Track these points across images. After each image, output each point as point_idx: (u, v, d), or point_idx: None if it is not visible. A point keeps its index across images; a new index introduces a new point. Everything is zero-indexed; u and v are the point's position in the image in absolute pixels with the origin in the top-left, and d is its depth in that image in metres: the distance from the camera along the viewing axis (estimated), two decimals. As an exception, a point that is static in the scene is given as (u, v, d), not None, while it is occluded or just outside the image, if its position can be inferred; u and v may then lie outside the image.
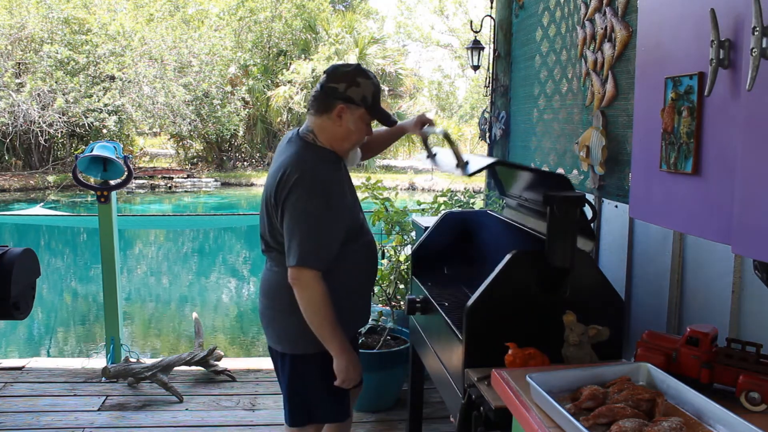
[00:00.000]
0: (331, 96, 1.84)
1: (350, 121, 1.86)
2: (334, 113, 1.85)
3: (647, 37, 1.31)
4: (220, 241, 12.36)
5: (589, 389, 1.22)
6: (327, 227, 1.80)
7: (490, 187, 4.11)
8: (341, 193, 1.88)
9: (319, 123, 1.88)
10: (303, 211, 1.78)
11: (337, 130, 1.87)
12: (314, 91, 1.90)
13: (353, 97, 1.84)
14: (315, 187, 1.79)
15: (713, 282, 1.68)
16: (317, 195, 1.79)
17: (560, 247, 1.64)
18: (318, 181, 1.81)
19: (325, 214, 1.80)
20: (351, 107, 1.84)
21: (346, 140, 1.89)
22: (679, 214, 1.20)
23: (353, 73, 1.85)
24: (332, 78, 1.85)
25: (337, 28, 22.05)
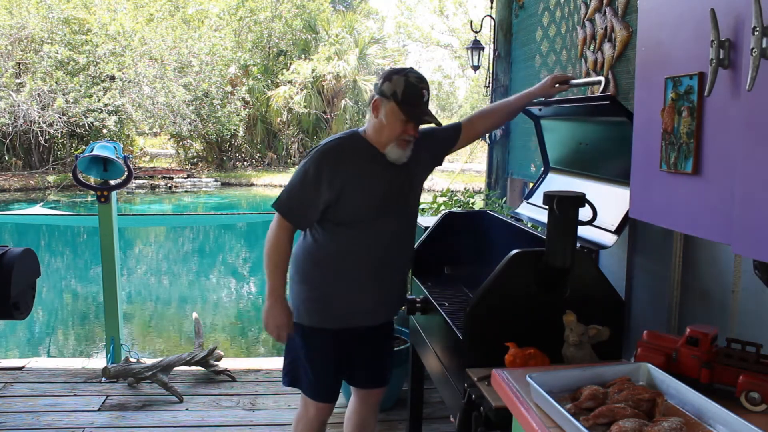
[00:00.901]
0: (373, 91, 2.03)
1: (382, 113, 1.98)
2: (372, 106, 2.01)
3: (647, 37, 1.31)
4: (220, 240, 12.36)
5: (590, 389, 1.22)
6: (306, 192, 1.98)
7: (491, 187, 4.11)
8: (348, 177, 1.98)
9: (368, 119, 2.05)
10: (301, 168, 2.01)
11: (375, 123, 2.01)
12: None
13: (385, 91, 1.97)
14: (320, 157, 1.99)
15: (713, 282, 1.68)
16: (316, 163, 1.98)
17: (560, 247, 1.64)
18: (327, 154, 1.99)
19: (312, 180, 1.97)
20: (383, 100, 1.97)
21: (380, 133, 2.00)
22: (679, 214, 1.20)
23: (392, 71, 2.01)
24: (378, 76, 2.05)
25: (337, 28, 22.05)
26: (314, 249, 2.06)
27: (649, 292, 2.01)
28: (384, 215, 2.05)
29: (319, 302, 2.08)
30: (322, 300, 2.08)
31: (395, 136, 1.98)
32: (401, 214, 2.12)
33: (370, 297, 2.10)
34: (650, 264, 2.00)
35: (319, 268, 2.06)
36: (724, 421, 1.09)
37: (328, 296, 2.07)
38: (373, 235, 2.05)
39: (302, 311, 2.09)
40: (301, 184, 2.00)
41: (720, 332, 1.36)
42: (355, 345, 2.16)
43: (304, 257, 2.08)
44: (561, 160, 2.40)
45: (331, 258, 2.05)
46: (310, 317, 2.09)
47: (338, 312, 2.09)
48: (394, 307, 2.25)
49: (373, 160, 2.03)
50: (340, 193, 1.98)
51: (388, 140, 2.00)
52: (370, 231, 2.04)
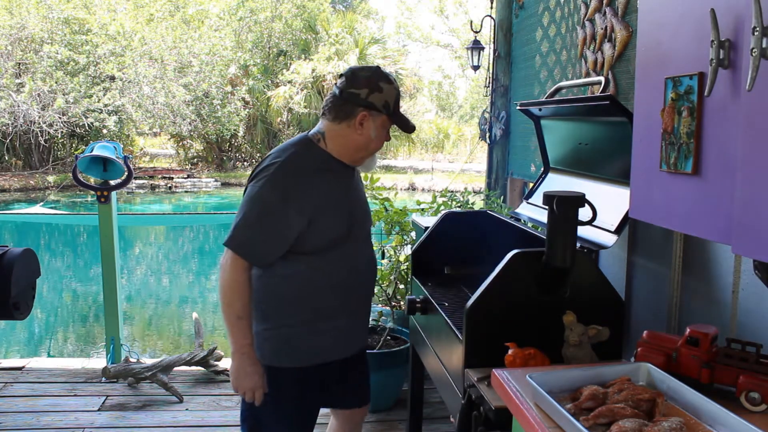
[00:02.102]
0: (351, 102, 1.72)
1: (372, 128, 1.74)
2: (356, 121, 1.72)
3: (647, 37, 1.31)
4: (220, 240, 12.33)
5: (589, 389, 1.21)
6: (271, 222, 1.67)
7: (491, 187, 4.11)
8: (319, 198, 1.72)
9: (335, 129, 1.75)
10: (256, 195, 1.68)
11: (357, 139, 1.74)
12: (331, 95, 1.77)
13: (375, 104, 1.72)
14: (278, 178, 1.68)
15: (713, 282, 1.68)
16: (277, 186, 1.67)
17: (560, 247, 1.64)
18: (286, 174, 1.69)
19: (276, 208, 1.66)
20: (373, 114, 1.73)
21: (364, 149, 1.77)
22: (679, 214, 1.20)
23: (375, 77, 1.73)
24: (352, 83, 1.72)
25: (337, 28, 22.05)
26: (275, 282, 1.76)
27: (649, 292, 2.01)
28: (353, 238, 1.82)
29: (285, 340, 1.79)
30: (289, 337, 1.79)
31: (379, 149, 1.80)
32: (367, 234, 1.92)
33: (344, 328, 1.87)
34: (650, 264, 2.00)
35: (284, 302, 1.77)
36: (724, 421, 1.09)
37: (297, 332, 1.79)
38: (343, 261, 1.80)
39: (266, 350, 1.79)
40: (261, 214, 1.68)
41: (720, 332, 1.36)
42: (332, 378, 1.92)
43: (263, 291, 1.77)
44: (561, 160, 2.40)
45: (297, 290, 1.77)
46: (278, 357, 1.80)
47: (308, 348, 1.82)
48: (366, 333, 2.04)
49: (336, 175, 1.78)
50: (311, 218, 1.69)
51: (369, 154, 1.80)
52: (340, 256, 1.79)
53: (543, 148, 2.50)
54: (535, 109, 2.35)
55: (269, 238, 1.69)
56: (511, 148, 3.93)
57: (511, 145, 3.93)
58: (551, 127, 2.40)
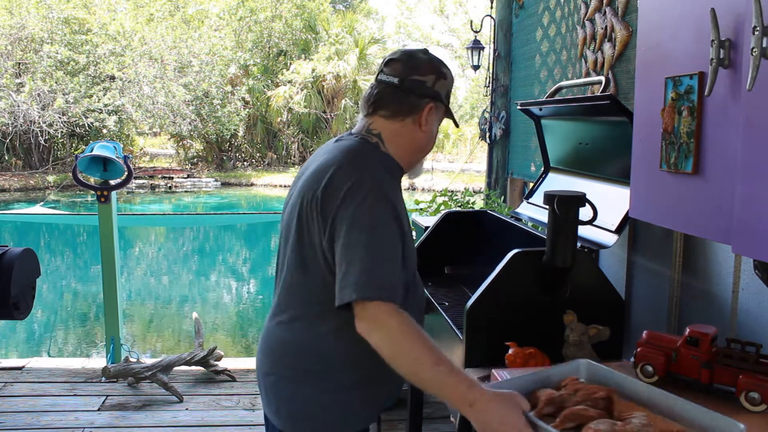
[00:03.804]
0: (417, 92, 1.39)
1: (435, 123, 1.45)
2: (423, 114, 1.40)
3: (647, 36, 1.31)
4: (220, 240, 12.36)
5: (545, 394, 1.16)
6: (396, 246, 1.28)
7: (491, 187, 4.11)
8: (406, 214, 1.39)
9: (395, 128, 1.41)
10: (369, 224, 1.25)
11: (420, 138, 1.42)
12: (385, 85, 1.41)
13: (441, 93, 1.43)
14: (381, 194, 1.29)
15: (713, 282, 1.68)
16: (385, 203, 1.28)
17: (560, 246, 1.64)
18: (384, 188, 1.31)
19: (394, 229, 1.28)
20: (438, 106, 1.43)
21: (424, 149, 1.47)
22: (679, 214, 1.20)
23: (436, 61, 1.43)
24: (416, 68, 1.39)
25: (338, 28, 22.05)
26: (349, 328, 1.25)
27: (649, 292, 2.01)
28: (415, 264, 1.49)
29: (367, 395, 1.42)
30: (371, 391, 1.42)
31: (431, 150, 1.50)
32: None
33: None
34: (650, 264, 2.00)
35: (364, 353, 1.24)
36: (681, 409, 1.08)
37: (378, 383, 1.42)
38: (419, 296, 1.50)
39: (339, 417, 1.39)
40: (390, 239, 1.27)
41: (720, 332, 1.36)
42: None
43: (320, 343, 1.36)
44: (561, 159, 2.40)
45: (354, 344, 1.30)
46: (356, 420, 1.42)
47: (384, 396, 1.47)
48: None
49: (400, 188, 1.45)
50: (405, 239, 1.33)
51: (425, 155, 1.49)
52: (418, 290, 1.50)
53: (543, 148, 2.50)
54: (536, 109, 2.35)
55: (396, 266, 1.27)
56: (511, 148, 3.93)
57: (511, 145, 3.93)
58: (551, 126, 2.40)
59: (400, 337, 1.18)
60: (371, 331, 1.21)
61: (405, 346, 1.18)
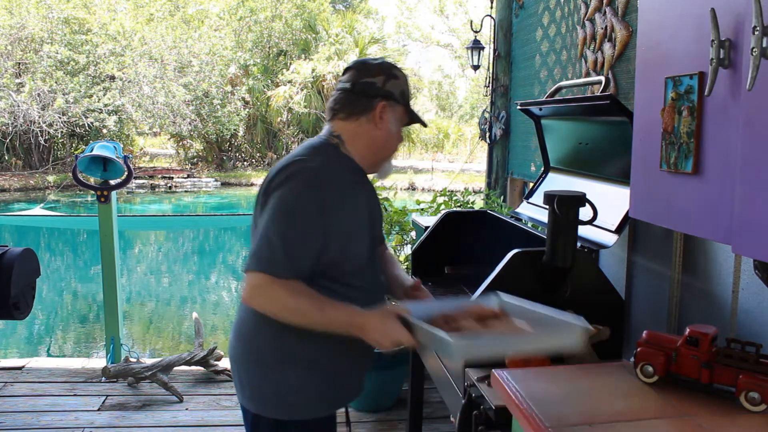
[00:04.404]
0: (367, 93, 1.51)
1: (392, 121, 1.54)
2: (376, 113, 1.51)
3: (647, 36, 1.31)
4: (220, 240, 12.37)
5: (442, 314, 1.39)
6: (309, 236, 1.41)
7: (491, 187, 4.11)
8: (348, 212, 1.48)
9: (352, 128, 1.53)
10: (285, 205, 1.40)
11: (378, 135, 1.53)
12: (339, 92, 1.55)
13: (393, 92, 1.53)
14: (316, 184, 1.43)
15: (713, 282, 1.68)
16: (316, 193, 1.42)
17: (560, 246, 1.64)
18: (323, 180, 1.44)
19: (314, 220, 1.41)
20: (392, 104, 1.53)
21: (386, 146, 1.57)
22: (679, 214, 1.20)
23: (387, 65, 1.56)
24: (365, 72, 1.53)
25: (337, 28, 22.05)
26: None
27: (649, 292, 2.01)
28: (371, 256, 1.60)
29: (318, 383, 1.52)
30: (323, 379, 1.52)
31: (398, 147, 1.60)
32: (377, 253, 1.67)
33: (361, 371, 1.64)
34: (650, 264, 2.00)
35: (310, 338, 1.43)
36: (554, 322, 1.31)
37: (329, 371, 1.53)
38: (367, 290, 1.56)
39: (292, 402, 1.50)
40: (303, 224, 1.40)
41: (720, 332, 1.36)
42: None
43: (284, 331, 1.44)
44: (561, 159, 2.40)
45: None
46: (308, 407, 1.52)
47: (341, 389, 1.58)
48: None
49: (364, 185, 1.59)
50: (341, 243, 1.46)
51: (390, 153, 1.59)
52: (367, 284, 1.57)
53: (543, 148, 2.50)
54: (536, 109, 2.35)
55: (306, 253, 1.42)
56: (511, 148, 3.93)
57: (511, 145, 3.93)
58: (551, 126, 2.40)
59: (286, 298, 1.37)
60: (252, 297, 1.40)
61: (291, 305, 1.38)
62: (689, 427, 1.17)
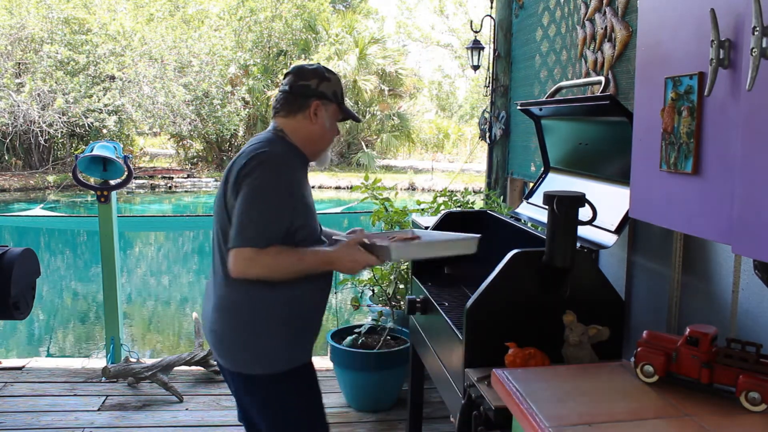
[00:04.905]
0: (303, 94, 1.79)
1: (325, 117, 1.82)
2: (310, 111, 1.79)
3: (647, 37, 1.31)
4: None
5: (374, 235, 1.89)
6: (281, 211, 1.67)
7: (491, 187, 4.11)
8: (304, 191, 1.78)
9: (291, 124, 1.81)
10: (260, 188, 1.65)
11: (313, 129, 1.81)
12: (281, 93, 1.83)
13: (326, 92, 1.81)
14: (281, 169, 1.69)
15: (713, 282, 1.68)
16: (282, 177, 1.68)
17: (560, 246, 1.64)
18: (285, 165, 1.71)
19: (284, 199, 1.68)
20: (325, 103, 1.81)
21: (322, 139, 1.84)
22: (679, 214, 1.20)
23: (320, 69, 1.84)
24: (301, 76, 1.81)
25: (337, 28, 22.05)
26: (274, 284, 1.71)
27: (649, 292, 2.01)
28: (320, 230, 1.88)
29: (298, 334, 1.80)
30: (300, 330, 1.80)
31: (333, 139, 1.87)
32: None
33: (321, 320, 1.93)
34: (650, 264, 2.00)
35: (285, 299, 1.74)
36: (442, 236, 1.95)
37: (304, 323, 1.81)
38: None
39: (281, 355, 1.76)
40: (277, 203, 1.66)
41: (720, 332, 1.36)
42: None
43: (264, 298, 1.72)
44: (561, 160, 2.40)
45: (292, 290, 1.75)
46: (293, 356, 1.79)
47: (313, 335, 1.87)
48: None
49: (306, 170, 1.85)
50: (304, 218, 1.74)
51: (326, 145, 1.87)
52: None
53: (543, 148, 2.50)
54: (536, 109, 2.35)
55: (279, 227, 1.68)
56: (511, 148, 3.93)
57: (511, 145, 3.93)
58: (551, 127, 2.40)
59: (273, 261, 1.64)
60: (246, 269, 1.64)
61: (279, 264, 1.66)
62: (689, 427, 1.17)
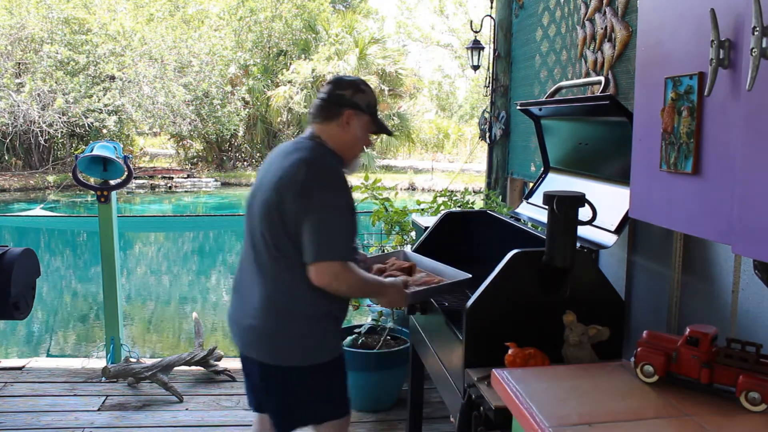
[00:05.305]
0: (338, 103, 1.90)
1: (357, 127, 1.91)
2: (343, 119, 1.89)
3: (647, 37, 1.31)
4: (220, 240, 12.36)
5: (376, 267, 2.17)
6: (353, 225, 1.85)
7: (491, 187, 4.11)
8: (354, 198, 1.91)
9: (326, 130, 1.90)
10: (332, 203, 1.78)
11: (345, 137, 1.90)
12: (318, 100, 1.93)
13: (360, 104, 1.91)
14: (342, 183, 1.83)
15: (713, 282, 1.68)
16: (348, 190, 1.83)
17: (560, 246, 1.64)
18: (342, 177, 1.84)
19: (352, 213, 1.84)
20: (358, 113, 1.90)
21: (354, 147, 1.93)
22: (679, 214, 1.20)
23: (357, 81, 1.95)
24: (338, 86, 1.92)
25: (337, 28, 22.04)
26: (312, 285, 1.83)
27: (649, 292, 2.01)
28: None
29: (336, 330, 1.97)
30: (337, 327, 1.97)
31: (363, 149, 1.97)
32: None
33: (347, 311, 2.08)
34: (650, 264, 2.00)
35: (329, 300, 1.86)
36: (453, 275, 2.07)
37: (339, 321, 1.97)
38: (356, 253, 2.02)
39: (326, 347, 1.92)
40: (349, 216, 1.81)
41: (720, 332, 1.36)
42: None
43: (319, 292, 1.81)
44: (561, 160, 2.40)
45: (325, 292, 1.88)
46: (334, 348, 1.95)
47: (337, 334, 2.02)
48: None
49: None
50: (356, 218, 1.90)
51: (357, 153, 1.96)
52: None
53: (543, 148, 2.50)
54: (535, 109, 2.35)
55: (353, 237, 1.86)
56: (511, 148, 3.93)
57: (511, 145, 3.93)
58: (551, 127, 2.40)
59: (353, 278, 1.80)
60: (331, 282, 1.77)
61: (355, 282, 1.82)
62: (689, 427, 1.17)
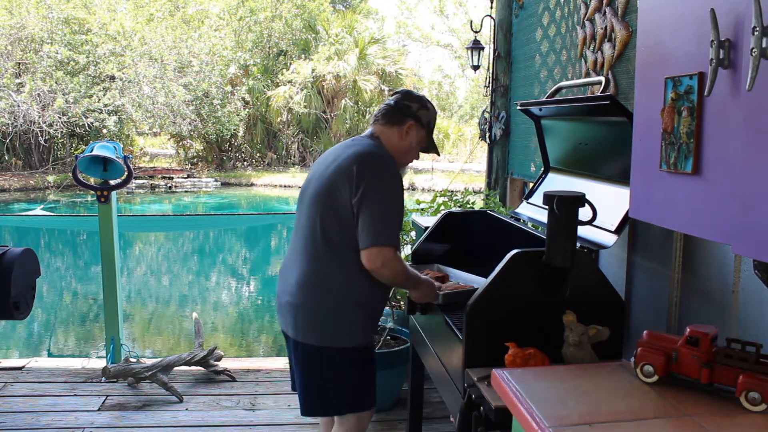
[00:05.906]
0: (404, 112, 2.04)
1: (414, 138, 2.04)
2: (404, 128, 2.03)
3: (647, 37, 1.31)
4: (220, 241, 12.36)
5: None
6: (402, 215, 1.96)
7: (491, 187, 4.11)
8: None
9: (386, 133, 2.04)
10: (389, 194, 1.91)
11: (402, 144, 2.04)
12: (386, 105, 2.08)
13: (422, 118, 2.05)
14: (398, 176, 1.96)
15: (713, 282, 1.68)
16: (398, 181, 1.94)
17: (560, 246, 1.64)
18: (397, 171, 1.98)
19: (401, 202, 1.95)
20: (418, 127, 2.04)
21: (406, 155, 2.07)
22: (679, 214, 1.20)
23: (425, 99, 2.10)
24: (407, 98, 2.08)
25: (338, 28, 22.04)
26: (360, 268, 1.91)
27: (649, 292, 2.01)
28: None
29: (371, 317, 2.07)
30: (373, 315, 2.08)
31: (411, 161, 2.10)
32: None
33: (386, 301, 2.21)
34: (650, 264, 2.00)
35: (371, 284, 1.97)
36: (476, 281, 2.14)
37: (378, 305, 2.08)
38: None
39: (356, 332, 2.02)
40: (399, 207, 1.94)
41: (720, 332, 1.36)
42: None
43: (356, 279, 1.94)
44: (561, 160, 2.40)
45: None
46: (365, 334, 2.05)
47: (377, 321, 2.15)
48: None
49: None
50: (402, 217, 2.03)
51: (407, 162, 2.10)
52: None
53: (543, 148, 2.50)
54: (536, 109, 2.35)
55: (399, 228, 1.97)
56: (511, 148, 3.93)
57: (511, 145, 3.93)
58: (551, 127, 2.40)
59: (401, 265, 1.92)
60: (383, 267, 1.87)
61: (402, 270, 1.92)
62: (689, 427, 1.17)
